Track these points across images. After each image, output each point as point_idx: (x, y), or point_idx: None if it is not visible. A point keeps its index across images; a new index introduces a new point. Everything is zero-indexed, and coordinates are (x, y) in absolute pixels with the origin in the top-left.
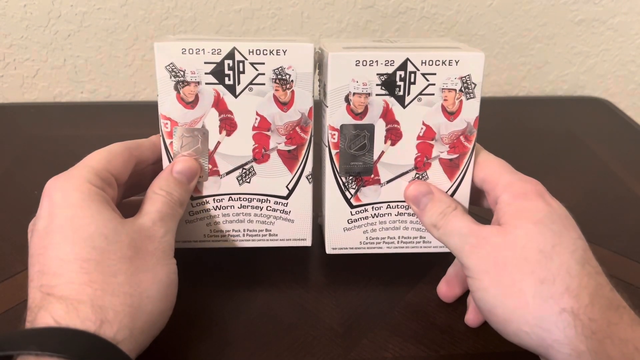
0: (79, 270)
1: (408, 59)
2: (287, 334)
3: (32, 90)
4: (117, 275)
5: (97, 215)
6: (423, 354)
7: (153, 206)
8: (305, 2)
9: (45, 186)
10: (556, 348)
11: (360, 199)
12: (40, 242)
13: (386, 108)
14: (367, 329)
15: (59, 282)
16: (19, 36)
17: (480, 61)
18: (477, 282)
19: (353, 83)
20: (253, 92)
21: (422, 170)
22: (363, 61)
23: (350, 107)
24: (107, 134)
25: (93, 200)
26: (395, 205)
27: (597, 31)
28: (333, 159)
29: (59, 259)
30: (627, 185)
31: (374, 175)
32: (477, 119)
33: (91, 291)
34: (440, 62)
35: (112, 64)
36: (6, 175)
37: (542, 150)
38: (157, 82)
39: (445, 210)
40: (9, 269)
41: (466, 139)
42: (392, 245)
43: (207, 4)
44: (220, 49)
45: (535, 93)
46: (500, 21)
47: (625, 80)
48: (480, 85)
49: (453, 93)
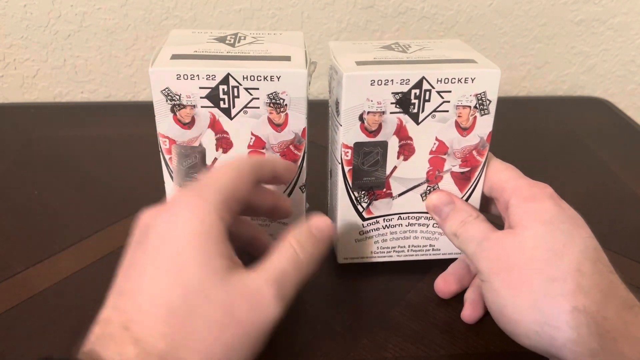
0: (163, 318)
1: (424, 78)
2: (287, 334)
3: (32, 90)
4: (194, 340)
5: (207, 262)
6: (423, 354)
7: (277, 261)
8: (305, 2)
9: (175, 196)
10: (569, 347)
11: (372, 212)
12: (140, 254)
13: (400, 125)
14: (367, 329)
15: (141, 320)
16: (19, 36)
17: (496, 78)
18: (488, 284)
19: (368, 102)
20: (248, 114)
21: (434, 183)
22: (378, 81)
23: (365, 125)
24: (107, 134)
25: (210, 241)
26: (407, 217)
27: (597, 31)
28: (346, 175)
29: (150, 295)
30: (627, 185)
31: (386, 189)
32: (490, 134)
33: (164, 347)
34: (457, 80)
35: (112, 64)
36: (6, 175)
37: (542, 150)
38: (154, 104)
39: (466, 219)
40: (9, 269)
41: (478, 153)
42: (402, 254)
43: (207, 4)
44: (215, 75)
45: (535, 93)
46: (500, 21)
47: (625, 80)
48: (495, 101)
49: (468, 110)
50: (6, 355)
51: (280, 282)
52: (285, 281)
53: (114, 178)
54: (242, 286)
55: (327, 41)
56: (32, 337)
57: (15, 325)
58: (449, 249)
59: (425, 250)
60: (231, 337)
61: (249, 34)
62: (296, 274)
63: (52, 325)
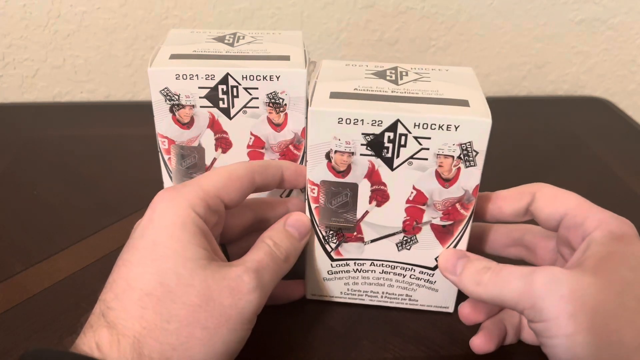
0: (138, 301)
1: (399, 121)
2: (287, 334)
3: (32, 90)
4: (170, 322)
5: (180, 251)
6: (423, 354)
7: (254, 255)
8: (305, 2)
9: (157, 195)
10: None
11: (341, 254)
12: (125, 253)
13: (371, 169)
14: (367, 329)
15: (117, 306)
16: (18, 36)
17: (486, 128)
18: (554, 327)
19: (335, 141)
20: (247, 114)
21: (411, 234)
22: (347, 119)
23: (332, 164)
24: (107, 134)
25: (185, 231)
26: (380, 264)
27: (597, 31)
28: (312, 212)
29: (126, 282)
30: (627, 185)
31: (357, 233)
32: (477, 187)
33: (139, 329)
34: (437, 127)
35: (111, 63)
36: (6, 175)
37: (542, 150)
38: (153, 104)
39: (487, 264)
40: (9, 269)
41: (463, 206)
42: (376, 299)
43: (207, 4)
44: (214, 75)
45: (536, 93)
46: (501, 21)
47: (625, 79)
48: (483, 153)
49: (450, 160)
50: (6, 355)
51: (259, 272)
52: (264, 272)
53: (113, 178)
54: (222, 273)
55: (327, 41)
56: (32, 337)
57: (15, 325)
58: (428, 302)
59: (401, 299)
60: (211, 319)
61: (247, 34)
62: (273, 267)
63: (52, 325)
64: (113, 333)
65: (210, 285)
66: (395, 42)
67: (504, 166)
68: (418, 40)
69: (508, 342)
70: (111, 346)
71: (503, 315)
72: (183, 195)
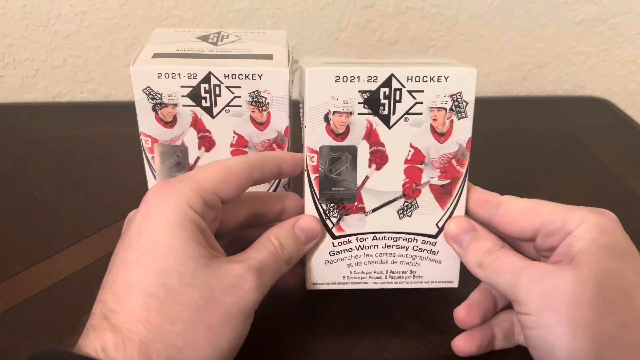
0: (141, 304)
1: (393, 75)
2: (287, 334)
3: (32, 90)
4: (175, 323)
5: (181, 249)
6: (423, 354)
7: (258, 253)
8: (305, 2)
9: (151, 190)
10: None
11: (343, 229)
12: (122, 252)
13: (370, 128)
14: (367, 329)
15: (119, 309)
16: (18, 36)
17: (472, 77)
18: (536, 319)
19: (333, 101)
20: (230, 113)
21: (411, 197)
22: (343, 77)
23: (330, 127)
24: (107, 134)
25: (184, 229)
26: (382, 237)
27: (597, 31)
28: (312, 184)
29: (127, 284)
30: (627, 185)
31: (358, 203)
32: (470, 141)
33: (144, 332)
34: (428, 79)
35: (111, 63)
36: (6, 175)
37: (542, 150)
38: (136, 103)
39: (491, 247)
40: (9, 269)
41: (458, 162)
42: (380, 280)
43: (207, 4)
44: (196, 74)
45: (536, 93)
46: (501, 21)
47: (625, 79)
48: (472, 103)
49: (443, 112)
50: (6, 355)
51: (260, 271)
52: (265, 272)
53: (113, 178)
54: (223, 271)
55: (327, 41)
56: (32, 337)
57: (15, 325)
58: (432, 277)
59: (405, 277)
60: (214, 318)
61: (232, 33)
62: (275, 268)
63: (52, 325)
64: (118, 337)
65: (213, 284)
66: (395, 42)
67: (504, 166)
68: (418, 40)
69: (499, 346)
70: (117, 350)
71: (494, 319)
72: (179, 191)
